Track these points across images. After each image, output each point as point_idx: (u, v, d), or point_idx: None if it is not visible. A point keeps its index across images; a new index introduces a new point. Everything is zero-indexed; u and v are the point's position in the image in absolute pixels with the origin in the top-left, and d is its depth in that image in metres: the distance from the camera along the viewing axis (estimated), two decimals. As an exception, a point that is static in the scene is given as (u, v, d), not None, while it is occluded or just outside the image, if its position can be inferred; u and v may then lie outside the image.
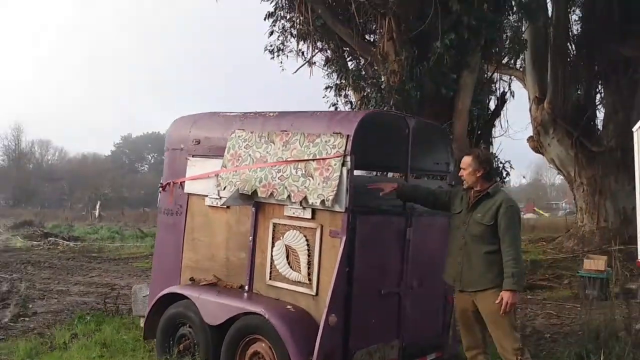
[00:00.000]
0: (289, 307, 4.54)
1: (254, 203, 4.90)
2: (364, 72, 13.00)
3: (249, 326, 4.55)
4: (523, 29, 14.18)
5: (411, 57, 12.00)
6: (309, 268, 4.57)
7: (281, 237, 4.74)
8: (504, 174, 13.12)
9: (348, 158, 4.37)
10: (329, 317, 4.25)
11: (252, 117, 5.26)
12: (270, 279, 4.79)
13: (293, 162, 4.64)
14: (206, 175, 5.26)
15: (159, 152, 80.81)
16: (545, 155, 16.39)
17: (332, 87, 13.38)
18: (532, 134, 16.33)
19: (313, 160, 4.54)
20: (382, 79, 11.93)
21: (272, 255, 4.79)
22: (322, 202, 4.40)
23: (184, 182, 5.50)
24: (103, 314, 7.07)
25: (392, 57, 12.18)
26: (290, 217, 4.70)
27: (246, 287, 4.92)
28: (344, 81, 13.06)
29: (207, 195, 5.26)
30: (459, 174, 4.54)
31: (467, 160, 4.49)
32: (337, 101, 13.73)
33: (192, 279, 5.26)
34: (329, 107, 13.64)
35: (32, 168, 59.75)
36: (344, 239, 4.36)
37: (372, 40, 12.93)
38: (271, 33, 13.30)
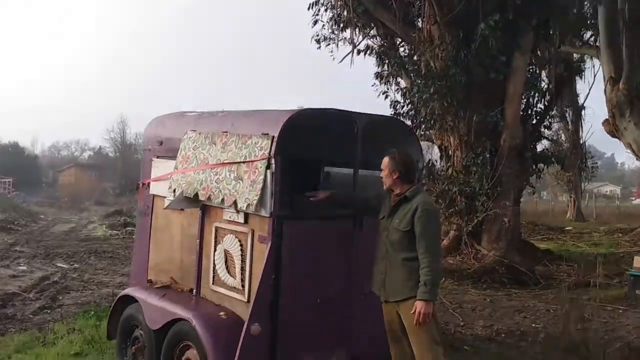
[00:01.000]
0: (221, 313, 4.42)
1: (201, 206, 4.82)
2: (406, 59, 12.50)
3: (181, 332, 4.48)
4: (589, 5, 13.02)
5: (456, 41, 11.41)
6: (242, 274, 4.43)
7: (221, 241, 4.64)
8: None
9: (273, 160, 4.16)
10: (251, 327, 4.10)
11: (206, 117, 5.17)
12: (212, 283, 4.70)
13: (227, 165, 4.50)
14: (164, 177, 5.24)
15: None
16: (622, 139, 14.96)
17: (379, 75, 13.01)
18: (607, 117, 14.98)
19: (243, 162, 4.38)
20: (423, 65, 11.38)
21: (214, 260, 4.69)
22: (248, 206, 4.24)
23: (149, 183, 5.52)
24: (107, 309, 7.28)
25: (436, 41, 11.62)
26: (228, 221, 4.58)
27: (194, 291, 4.87)
28: (385, 69, 12.65)
29: (166, 197, 5.24)
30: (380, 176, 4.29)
31: (385, 161, 4.26)
32: (387, 89, 13.34)
33: (149, 281, 5.29)
34: (378, 96, 13.30)
35: (137, 159, 63.43)
36: (269, 245, 4.17)
37: (415, 24, 12.36)
38: (315, 22, 13.14)
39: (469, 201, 11.86)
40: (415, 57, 12.27)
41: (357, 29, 12.87)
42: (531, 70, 12.32)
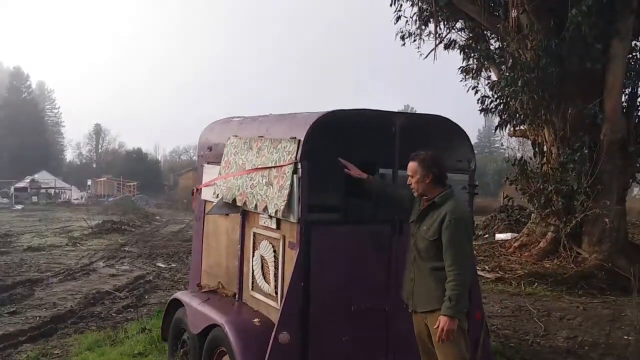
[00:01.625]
0: (256, 320, 4.37)
1: (242, 211, 4.80)
2: (494, 51, 11.84)
3: (218, 338, 4.48)
4: None
5: (546, 29, 10.68)
6: (275, 280, 4.35)
7: (258, 247, 4.60)
8: None
9: (299, 165, 4.05)
10: (279, 335, 4.01)
11: (248, 122, 5.15)
12: (252, 289, 4.67)
13: (260, 170, 4.45)
14: (211, 183, 5.29)
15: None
16: None
17: (464, 70, 12.46)
18: None
19: (274, 167, 4.30)
20: (510, 56, 10.72)
21: (252, 265, 4.66)
22: (276, 212, 4.16)
23: (201, 188, 5.60)
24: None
25: (524, 30, 10.93)
26: (264, 227, 4.53)
27: (236, 297, 4.87)
28: (470, 62, 12.07)
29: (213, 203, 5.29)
30: (407, 183, 4.00)
31: (412, 166, 3.93)
32: (477, 84, 12.76)
33: (198, 285, 5.36)
34: (467, 91, 12.75)
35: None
36: (297, 251, 4.07)
37: (502, 15, 11.67)
38: (398, 18, 12.81)
39: (566, 201, 11.04)
40: (503, 49, 11.60)
41: (441, 23, 12.40)
42: (635, 57, 11.24)
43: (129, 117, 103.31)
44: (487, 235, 16.20)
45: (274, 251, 4.38)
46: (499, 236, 14.66)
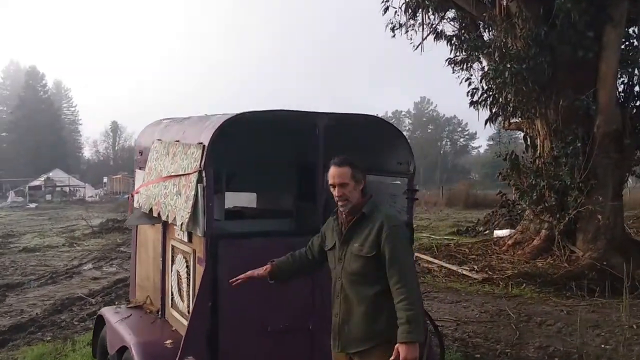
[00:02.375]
0: (168, 342, 4.02)
1: (163, 222, 4.47)
2: (481, 42, 11.33)
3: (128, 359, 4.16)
4: None
5: (535, 17, 10.16)
6: (188, 298, 4.02)
7: (175, 261, 4.26)
8: None
9: (204, 173, 3.69)
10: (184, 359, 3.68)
11: (173, 124, 4.81)
12: (171, 306, 4.35)
13: (172, 178, 4.11)
14: (137, 191, 4.97)
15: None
16: None
17: (452, 61, 11.96)
18: None
19: (183, 175, 3.95)
20: (498, 46, 10.22)
21: (171, 280, 4.33)
22: (182, 224, 3.82)
23: (134, 195, 5.28)
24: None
25: (514, 19, 10.43)
26: (179, 240, 4.19)
27: (159, 313, 4.55)
28: (458, 54, 11.58)
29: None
30: (336, 195, 3.23)
31: (343, 172, 3.20)
32: (471, 75, 12.25)
33: (127, 301, 5.04)
34: (460, 83, 12.25)
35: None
36: (203, 267, 3.72)
37: (489, 5, 11.13)
38: (386, 9, 12.34)
39: (559, 196, 10.54)
40: (491, 38, 11.10)
41: (429, 13, 11.91)
42: (629, 45, 10.65)
43: (145, 114, 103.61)
44: (487, 232, 15.71)
45: (187, 266, 4.04)
46: (497, 233, 14.15)
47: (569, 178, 10.19)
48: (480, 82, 11.31)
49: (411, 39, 12.77)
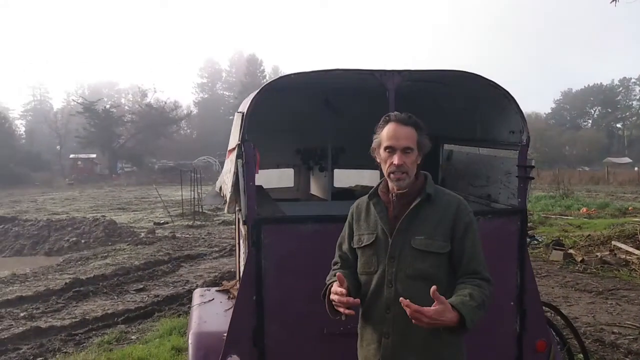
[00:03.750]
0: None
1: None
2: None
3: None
4: None
5: None
6: (245, 287, 3.57)
7: (241, 245, 3.86)
8: None
9: (243, 147, 3.18)
10: (227, 359, 3.25)
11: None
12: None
13: (229, 154, 3.70)
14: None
15: (603, 105, 73.93)
16: None
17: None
18: None
19: (231, 151, 3.51)
20: None
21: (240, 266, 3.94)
22: (226, 206, 3.38)
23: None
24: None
25: None
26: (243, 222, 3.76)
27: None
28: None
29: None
30: (394, 164, 2.39)
31: (410, 133, 2.40)
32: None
33: (220, 283, 4.80)
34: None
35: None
36: (246, 256, 3.24)
37: None
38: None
39: None
40: None
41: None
42: None
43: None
44: None
45: (245, 252, 3.60)
46: None
47: None
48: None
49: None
